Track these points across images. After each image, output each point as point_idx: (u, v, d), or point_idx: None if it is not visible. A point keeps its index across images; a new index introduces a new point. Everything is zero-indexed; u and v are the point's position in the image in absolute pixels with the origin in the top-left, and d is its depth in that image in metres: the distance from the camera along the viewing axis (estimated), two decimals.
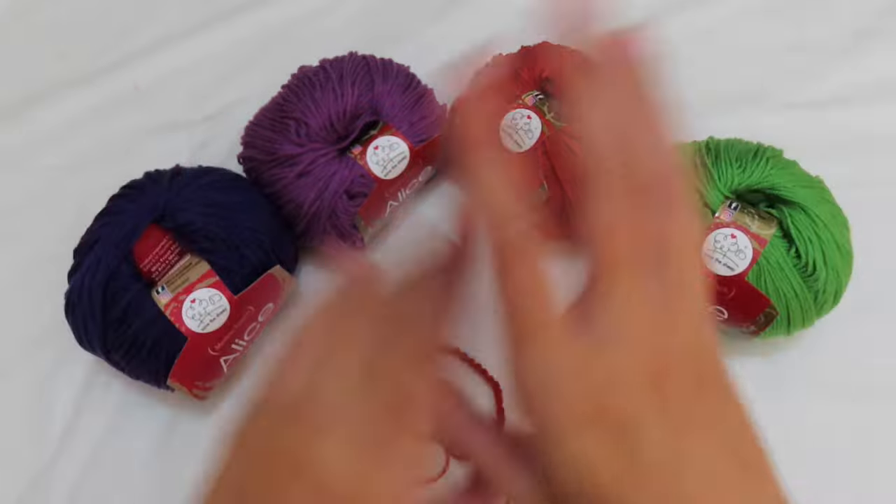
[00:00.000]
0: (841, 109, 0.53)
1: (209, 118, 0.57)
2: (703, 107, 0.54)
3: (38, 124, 0.57)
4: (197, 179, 0.44)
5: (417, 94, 0.48)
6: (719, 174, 0.42)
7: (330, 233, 0.46)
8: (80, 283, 0.41)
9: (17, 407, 0.47)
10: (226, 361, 0.44)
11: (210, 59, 0.60)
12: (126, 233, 0.42)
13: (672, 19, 0.58)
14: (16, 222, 0.54)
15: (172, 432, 0.46)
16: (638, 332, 0.20)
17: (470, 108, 0.22)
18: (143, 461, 0.45)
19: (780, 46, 0.56)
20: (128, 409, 0.47)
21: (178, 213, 0.43)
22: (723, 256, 0.40)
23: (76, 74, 0.59)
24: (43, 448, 0.46)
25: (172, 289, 0.42)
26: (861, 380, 0.45)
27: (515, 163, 0.21)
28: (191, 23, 0.61)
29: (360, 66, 0.48)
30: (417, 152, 0.47)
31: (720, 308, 0.42)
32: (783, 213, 0.41)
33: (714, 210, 0.42)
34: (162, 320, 0.41)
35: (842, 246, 0.41)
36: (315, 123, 0.45)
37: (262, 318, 0.45)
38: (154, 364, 0.41)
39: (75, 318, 0.42)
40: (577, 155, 0.44)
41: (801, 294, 0.40)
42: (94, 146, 0.56)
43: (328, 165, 0.45)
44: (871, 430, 0.43)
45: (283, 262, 0.45)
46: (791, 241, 0.41)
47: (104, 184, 0.45)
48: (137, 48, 0.60)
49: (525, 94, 0.47)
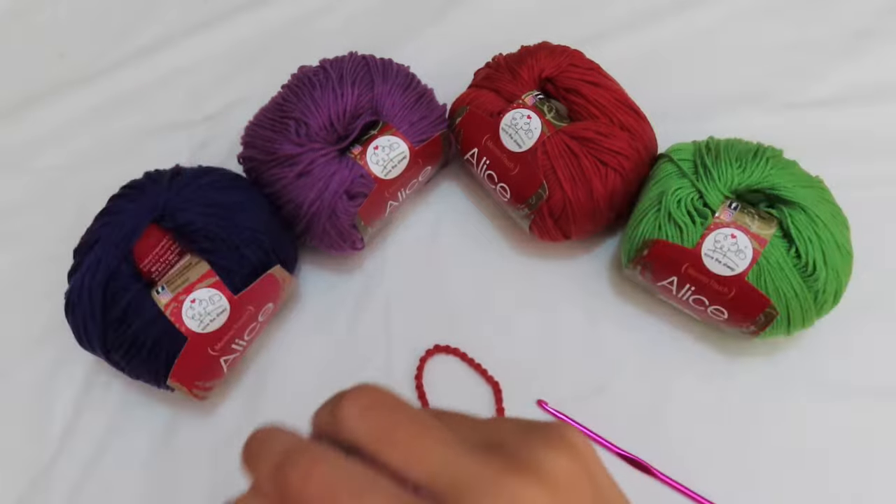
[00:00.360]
0: (841, 109, 0.53)
1: (209, 118, 0.57)
2: (703, 107, 0.54)
3: (38, 124, 0.58)
4: (197, 179, 0.44)
5: (417, 94, 0.48)
6: (719, 174, 0.42)
7: (330, 233, 0.46)
8: (80, 283, 0.41)
9: (17, 407, 0.47)
10: (226, 361, 0.44)
11: (210, 59, 0.60)
12: (126, 233, 0.42)
13: (672, 19, 0.58)
14: (16, 222, 0.54)
15: (172, 432, 0.46)
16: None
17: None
18: (143, 461, 0.45)
19: (780, 46, 0.56)
20: (128, 409, 0.47)
21: (178, 213, 0.43)
22: (723, 256, 0.40)
23: (76, 74, 0.59)
24: (43, 448, 0.46)
25: (172, 289, 0.42)
26: (861, 380, 0.45)
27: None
28: (191, 23, 0.61)
29: (360, 66, 0.48)
30: (417, 152, 0.47)
31: (720, 308, 0.42)
32: (783, 213, 0.41)
33: (714, 210, 0.42)
34: (162, 320, 0.41)
35: (842, 246, 0.41)
36: (315, 123, 0.45)
37: (262, 318, 0.45)
38: (154, 364, 0.41)
39: (75, 318, 0.42)
40: (577, 155, 0.44)
41: (801, 294, 0.40)
42: (94, 146, 0.57)
43: (328, 165, 0.45)
44: (871, 430, 0.43)
45: (283, 262, 0.45)
46: (791, 241, 0.41)
47: (104, 184, 0.45)
48: (137, 48, 0.60)
49: (525, 94, 0.47)
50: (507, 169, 0.46)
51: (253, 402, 0.47)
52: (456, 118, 0.49)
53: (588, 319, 0.48)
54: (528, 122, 0.45)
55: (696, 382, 0.45)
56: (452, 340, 0.47)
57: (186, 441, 0.46)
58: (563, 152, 0.44)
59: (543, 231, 0.47)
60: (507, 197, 0.47)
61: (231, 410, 0.47)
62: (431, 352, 0.46)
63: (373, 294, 0.49)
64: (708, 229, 0.41)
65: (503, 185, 0.46)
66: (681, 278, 0.42)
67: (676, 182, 0.43)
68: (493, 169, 0.47)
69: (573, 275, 0.49)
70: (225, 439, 0.46)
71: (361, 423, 0.20)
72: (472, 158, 0.48)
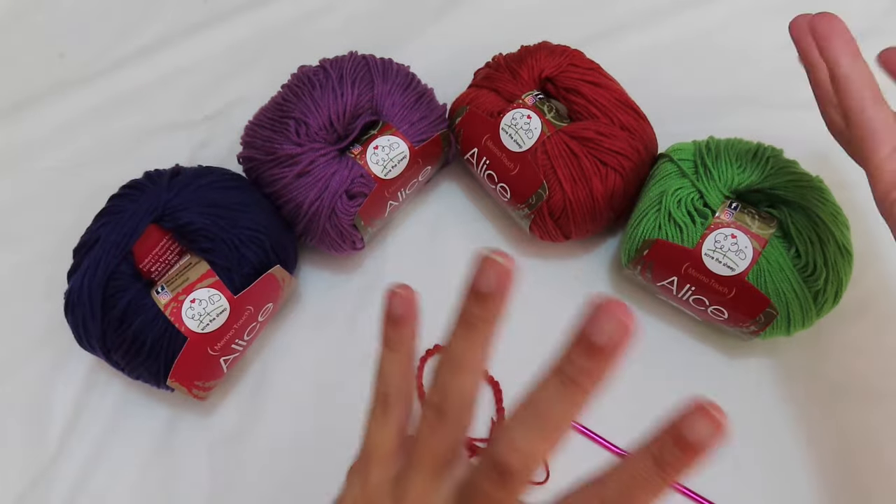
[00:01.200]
0: None
1: (209, 118, 0.57)
2: (703, 107, 0.54)
3: (38, 124, 0.58)
4: (197, 179, 0.44)
5: (417, 94, 0.48)
6: (719, 174, 0.42)
7: (330, 233, 0.46)
8: (80, 283, 0.41)
9: (17, 407, 0.47)
10: (226, 361, 0.44)
11: (210, 59, 0.60)
12: (126, 233, 0.42)
13: (672, 19, 0.58)
14: (16, 222, 0.54)
15: (172, 432, 0.46)
16: None
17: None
18: (143, 461, 0.45)
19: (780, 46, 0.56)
20: (128, 409, 0.47)
21: (178, 213, 0.43)
22: (723, 256, 0.40)
23: (76, 74, 0.59)
24: (43, 448, 0.46)
25: (172, 289, 0.42)
26: (861, 380, 0.45)
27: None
28: (191, 23, 0.61)
29: (360, 65, 0.48)
30: (417, 152, 0.47)
31: (720, 308, 0.42)
32: (783, 213, 0.41)
33: (714, 210, 0.42)
34: (162, 320, 0.41)
35: (842, 246, 0.40)
36: (315, 123, 0.45)
37: (262, 318, 0.45)
38: (154, 364, 0.41)
39: (75, 318, 0.42)
40: (577, 155, 0.44)
41: (801, 294, 0.40)
42: (94, 146, 0.57)
43: (328, 165, 0.45)
44: (871, 430, 0.43)
45: (283, 262, 0.45)
46: (791, 241, 0.41)
47: (104, 184, 0.45)
48: (137, 48, 0.60)
49: (525, 94, 0.47)
50: (507, 169, 0.46)
51: (253, 402, 0.47)
52: (456, 118, 0.49)
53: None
54: (528, 121, 0.45)
55: (696, 382, 0.45)
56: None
57: (186, 441, 0.46)
58: (563, 152, 0.44)
59: (543, 231, 0.47)
60: (507, 197, 0.47)
61: (231, 410, 0.47)
62: (431, 351, 0.46)
63: (373, 294, 0.49)
64: (708, 229, 0.41)
65: (503, 185, 0.46)
66: (681, 278, 0.42)
67: (676, 182, 0.43)
68: (493, 169, 0.47)
69: (573, 275, 0.49)
70: (225, 439, 0.46)
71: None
72: (472, 158, 0.48)
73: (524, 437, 0.21)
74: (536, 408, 0.22)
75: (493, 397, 0.45)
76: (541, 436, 0.21)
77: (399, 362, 0.27)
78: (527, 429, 0.21)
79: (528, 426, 0.21)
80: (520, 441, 0.21)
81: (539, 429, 0.21)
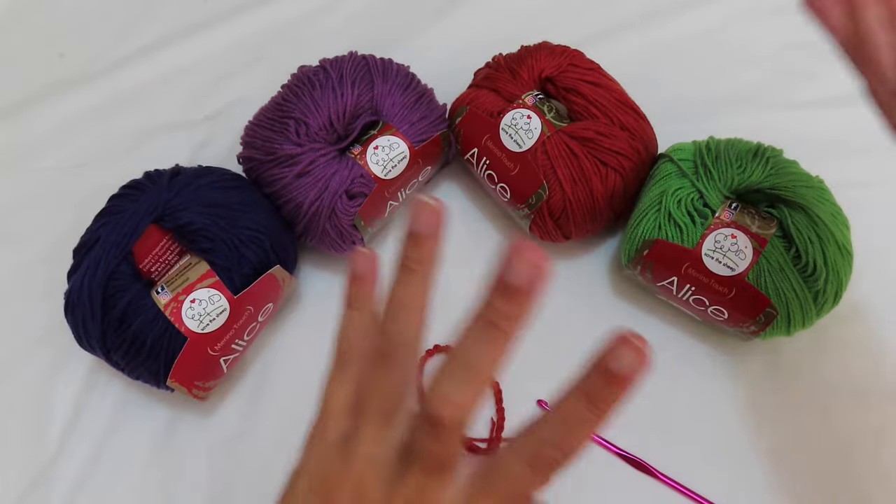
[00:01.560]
0: (841, 109, 0.53)
1: (209, 118, 0.57)
2: (703, 107, 0.54)
3: (38, 124, 0.58)
4: (197, 179, 0.44)
5: (417, 94, 0.48)
6: (719, 174, 0.42)
7: (330, 233, 0.46)
8: (80, 283, 0.41)
9: (17, 407, 0.47)
10: (226, 361, 0.44)
11: (210, 59, 0.60)
12: (126, 233, 0.42)
13: (672, 19, 0.58)
14: (16, 222, 0.54)
15: (172, 432, 0.46)
16: None
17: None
18: (143, 461, 0.45)
19: (780, 46, 0.56)
20: (128, 409, 0.47)
21: (178, 213, 0.43)
22: (723, 256, 0.40)
23: (76, 74, 0.59)
24: (43, 448, 0.46)
25: (172, 289, 0.42)
26: (862, 380, 0.45)
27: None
28: (191, 22, 0.61)
29: (360, 65, 0.48)
30: (417, 152, 0.47)
31: (720, 308, 0.42)
32: (783, 213, 0.41)
33: (714, 210, 0.42)
34: (162, 320, 0.41)
35: (842, 246, 0.40)
36: (315, 123, 0.45)
37: (262, 318, 0.45)
38: (154, 364, 0.41)
39: (75, 318, 0.42)
40: (577, 155, 0.44)
41: (801, 294, 0.40)
42: (94, 146, 0.57)
43: (328, 165, 0.45)
44: (871, 430, 0.43)
45: (283, 262, 0.45)
46: (791, 241, 0.40)
47: (104, 184, 0.45)
48: (137, 48, 0.60)
49: (525, 94, 0.47)
50: (507, 169, 0.46)
51: (253, 402, 0.47)
52: (456, 118, 0.49)
53: (588, 319, 0.48)
54: (528, 122, 0.45)
55: (696, 382, 0.45)
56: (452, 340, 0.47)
57: (186, 441, 0.46)
58: (563, 152, 0.44)
59: (543, 231, 0.47)
60: (507, 197, 0.47)
61: (231, 410, 0.47)
62: (431, 352, 0.46)
63: None
64: (708, 229, 0.41)
65: (503, 185, 0.46)
66: (681, 278, 0.42)
67: (676, 182, 0.43)
68: (493, 169, 0.47)
69: (573, 275, 0.49)
70: (225, 439, 0.46)
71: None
72: (472, 158, 0.48)
73: (454, 389, 0.22)
74: (463, 358, 0.22)
75: (494, 397, 0.45)
76: (470, 385, 0.22)
77: (359, 320, 0.27)
78: (455, 380, 0.22)
79: (457, 377, 0.22)
80: (450, 393, 0.22)
81: (467, 379, 0.22)
